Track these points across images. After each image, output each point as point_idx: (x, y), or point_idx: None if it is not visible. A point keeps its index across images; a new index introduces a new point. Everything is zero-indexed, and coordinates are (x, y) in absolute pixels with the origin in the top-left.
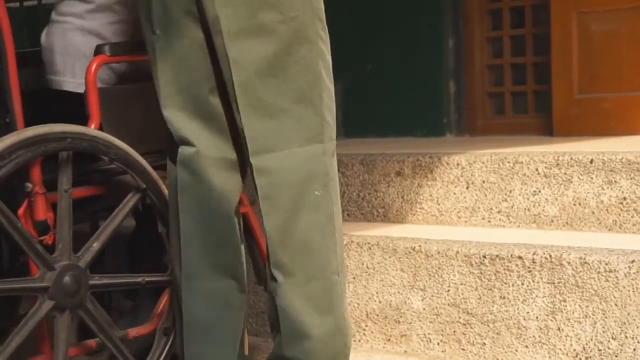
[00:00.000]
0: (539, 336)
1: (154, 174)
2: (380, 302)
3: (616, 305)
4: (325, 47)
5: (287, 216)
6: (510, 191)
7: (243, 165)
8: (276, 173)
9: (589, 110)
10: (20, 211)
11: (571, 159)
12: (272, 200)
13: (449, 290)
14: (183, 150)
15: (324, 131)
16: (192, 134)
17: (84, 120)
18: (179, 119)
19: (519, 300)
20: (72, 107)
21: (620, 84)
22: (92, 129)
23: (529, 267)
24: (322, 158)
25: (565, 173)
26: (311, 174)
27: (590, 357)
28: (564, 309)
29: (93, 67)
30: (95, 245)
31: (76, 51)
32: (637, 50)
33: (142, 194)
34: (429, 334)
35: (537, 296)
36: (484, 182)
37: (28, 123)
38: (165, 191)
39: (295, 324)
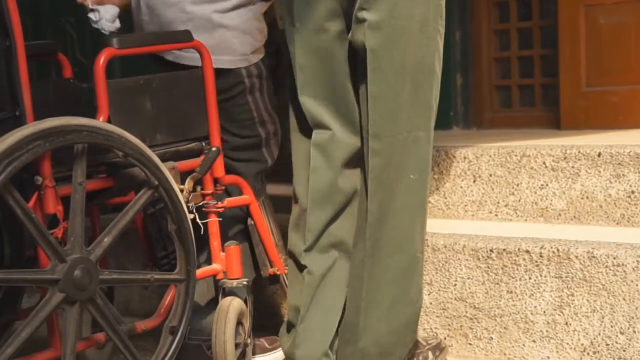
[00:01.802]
0: (547, 331)
1: (167, 171)
2: None
3: (624, 299)
4: (441, 41)
5: (387, 195)
6: (518, 185)
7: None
8: (387, 155)
9: (596, 104)
10: (30, 204)
11: (579, 152)
12: (379, 179)
13: (455, 285)
14: (317, 134)
15: (430, 119)
16: (328, 119)
17: None
18: (315, 105)
19: (526, 294)
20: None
21: (629, 77)
22: (107, 124)
23: (536, 261)
24: (425, 145)
25: (572, 166)
26: (413, 158)
27: (598, 351)
28: (572, 304)
29: (101, 61)
30: (107, 240)
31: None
32: None
33: (154, 190)
34: (435, 328)
35: (544, 290)
36: (491, 175)
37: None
38: (177, 189)
39: (373, 293)
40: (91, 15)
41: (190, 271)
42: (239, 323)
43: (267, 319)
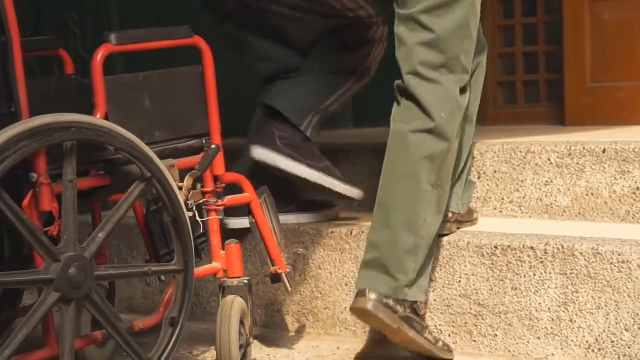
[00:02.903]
0: (551, 328)
1: (160, 162)
2: None
3: (629, 296)
4: (479, 6)
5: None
6: (522, 181)
7: None
8: (420, 94)
9: (601, 100)
10: (25, 202)
11: (584, 148)
12: (412, 111)
13: (460, 282)
14: None
15: (458, 66)
16: None
17: None
18: None
19: (531, 291)
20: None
21: (634, 73)
22: (97, 119)
23: (541, 258)
24: (454, 88)
25: (577, 163)
26: (442, 98)
27: (603, 348)
28: (577, 301)
29: (99, 57)
30: (101, 235)
31: None
32: None
33: (148, 183)
34: (440, 325)
35: (549, 287)
36: (495, 172)
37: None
38: (172, 180)
39: (386, 213)
40: None
41: (188, 262)
42: (240, 323)
43: (271, 315)
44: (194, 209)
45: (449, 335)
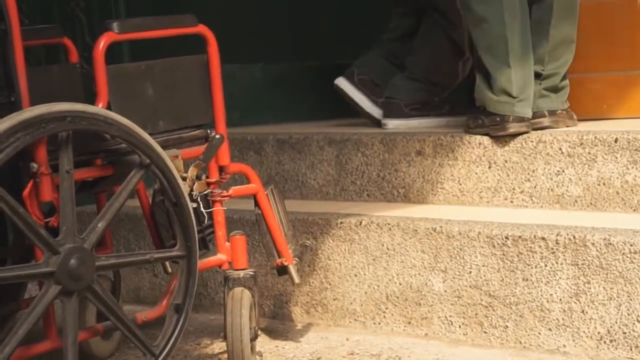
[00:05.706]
0: (563, 319)
1: (160, 149)
2: (400, 284)
3: None
4: None
5: None
6: (534, 171)
7: None
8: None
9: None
10: (26, 192)
11: (595, 138)
12: None
13: (470, 272)
14: None
15: None
16: None
17: None
18: None
19: (542, 282)
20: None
21: (637, 63)
22: (91, 107)
23: (552, 249)
24: None
25: (589, 152)
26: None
27: (615, 340)
28: (588, 291)
29: (101, 45)
30: (101, 225)
31: None
32: None
33: (147, 169)
34: (450, 316)
35: (560, 278)
36: (506, 161)
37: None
38: (171, 165)
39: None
40: None
41: (191, 247)
42: None
43: (279, 306)
44: (199, 199)
45: (459, 327)
